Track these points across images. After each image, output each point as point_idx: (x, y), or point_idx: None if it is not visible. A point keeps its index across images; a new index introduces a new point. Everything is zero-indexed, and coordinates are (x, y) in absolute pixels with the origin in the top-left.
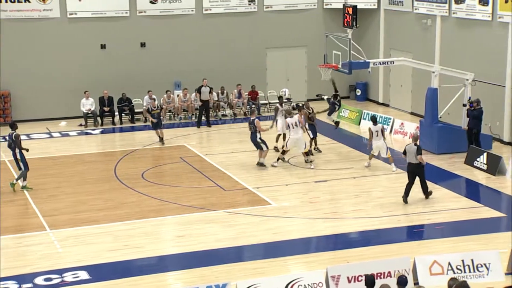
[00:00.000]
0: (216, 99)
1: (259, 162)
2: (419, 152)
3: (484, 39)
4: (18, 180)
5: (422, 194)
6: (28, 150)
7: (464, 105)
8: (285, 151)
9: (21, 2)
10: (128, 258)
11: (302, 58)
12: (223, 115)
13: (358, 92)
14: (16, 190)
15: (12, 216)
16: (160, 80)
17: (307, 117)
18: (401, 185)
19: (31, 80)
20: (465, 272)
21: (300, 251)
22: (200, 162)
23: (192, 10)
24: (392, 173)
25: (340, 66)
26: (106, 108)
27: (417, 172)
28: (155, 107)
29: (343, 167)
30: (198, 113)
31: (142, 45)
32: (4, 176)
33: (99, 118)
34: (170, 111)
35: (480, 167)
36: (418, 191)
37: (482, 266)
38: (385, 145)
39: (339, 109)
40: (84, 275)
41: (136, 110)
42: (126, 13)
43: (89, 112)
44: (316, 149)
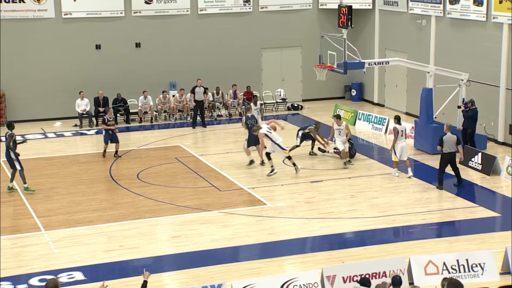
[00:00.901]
0: (212, 100)
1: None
2: (459, 142)
3: (479, 40)
4: (13, 181)
5: (419, 194)
6: (19, 155)
7: (459, 107)
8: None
9: (16, 2)
10: (124, 259)
11: (297, 58)
12: (218, 116)
13: (353, 93)
14: (16, 190)
15: (7, 217)
16: (155, 81)
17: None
18: (396, 185)
19: (26, 81)
20: (460, 272)
21: (296, 251)
22: (196, 163)
23: (187, 10)
24: (387, 174)
25: (335, 66)
26: (101, 109)
27: (454, 160)
28: (111, 118)
29: (339, 167)
30: (193, 114)
31: (137, 45)
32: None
33: (94, 119)
34: (166, 112)
35: (475, 167)
36: (414, 191)
37: (477, 266)
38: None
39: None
40: (79, 276)
41: (131, 111)
42: (121, 13)
43: (84, 113)
44: (320, 150)
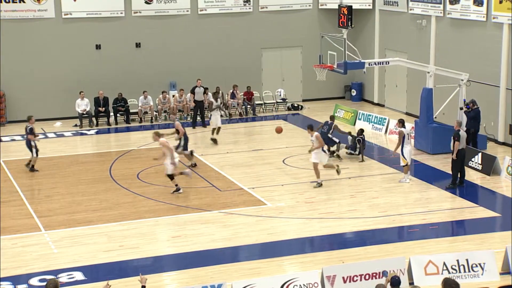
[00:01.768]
0: (211, 100)
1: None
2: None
3: (479, 40)
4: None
5: (419, 194)
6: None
7: (461, 109)
8: None
9: (16, 3)
10: (124, 259)
11: (298, 59)
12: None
13: (353, 93)
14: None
15: (7, 217)
16: (155, 81)
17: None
18: (396, 185)
19: (26, 81)
20: (460, 272)
21: (296, 251)
22: (196, 163)
23: (187, 11)
24: (387, 174)
25: (336, 66)
26: (101, 109)
27: (465, 158)
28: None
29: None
30: (193, 114)
31: (137, 46)
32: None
33: (94, 119)
34: (166, 112)
35: (475, 167)
36: (414, 191)
37: (477, 266)
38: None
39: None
40: (79, 276)
41: (132, 111)
42: (121, 13)
43: (84, 113)
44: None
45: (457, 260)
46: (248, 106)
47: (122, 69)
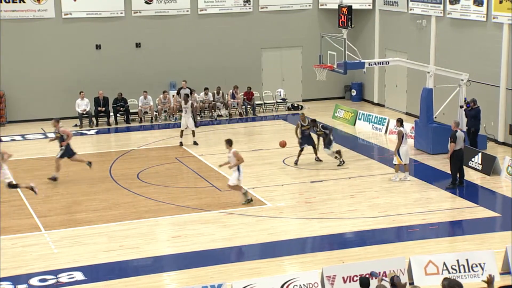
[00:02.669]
0: (212, 100)
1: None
2: (465, 140)
3: (479, 40)
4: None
5: (419, 194)
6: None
7: (461, 107)
8: None
9: (16, 3)
10: (124, 259)
11: (298, 59)
12: (219, 116)
13: (353, 93)
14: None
15: (7, 217)
16: (155, 81)
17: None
18: (396, 185)
19: (26, 81)
20: (460, 272)
21: (296, 251)
22: (196, 163)
23: (187, 11)
24: (387, 174)
25: (335, 66)
26: (101, 108)
27: (463, 158)
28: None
29: (339, 168)
30: (182, 116)
31: (137, 46)
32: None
33: (94, 119)
34: (165, 112)
35: (475, 167)
36: (414, 191)
37: (477, 266)
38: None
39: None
40: (80, 276)
41: (131, 111)
42: (121, 14)
43: (84, 113)
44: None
45: (457, 260)
46: (248, 106)
47: (122, 69)
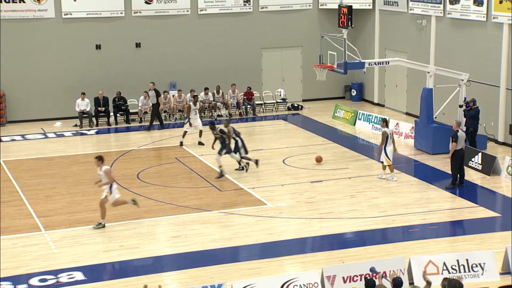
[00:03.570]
0: (212, 99)
1: None
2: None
3: (479, 40)
4: None
5: (419, 194)
6: None
7: (461, 106)
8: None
9: (16, 3)
10: (124, 259)
11: (298, 59)
12: (219, 116)
13: (353, 93)
14: None
15: (7, 217)
16: (156, 81)
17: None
18: (396, 185)
19: (26, 81)
20: (460, 272)
21: (296, 251)
22: (196, 163)
23: (187, 11)
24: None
25: (335, 66)
26: (101, 108)
27: (464, 158)
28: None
29: (339, 167)
30: (150, 117)
31: (137, 46)
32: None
33: (94, 119)
34: (166, 112)
35: (475, 167)
36: (414, 191)
37: (477, 266)
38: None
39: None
40: (79, 276)
41: (131, 111)
42: (121, 14)
43: (84, 113)
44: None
45: (457, 260)
46: (248, 106)
47: (122, 69)
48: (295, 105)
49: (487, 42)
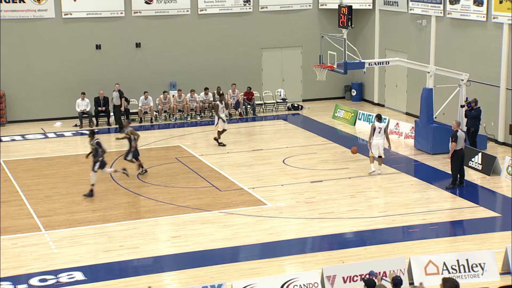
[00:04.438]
0: (212, 100)
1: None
2: (466, 139)
3: (479, 40)
4: None
5: (419, 194)
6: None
7: (462, 106)
8: None
9: (16, 3)
10: (124, 259)
11: (298, 59)
12: None
13: (354, 93)
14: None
15: (7, 217)
16: (156, 81)
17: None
18: (396, 185)
19: (26, 81)
20: (460, 272)
21: (296, 251)
22: (196, 163)
23: (187, 11)
24: (387, 174)
25: (335, 66)
26: (101, 108)
27: (464, 158)
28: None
29: (339, 167)
30: (115, 121)
31: (137, 46)
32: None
33: (94, 119)
34: (166, 112)
35: (475, 167)
36: (414, 191)
37: (477, 266)
38: (383, 145)
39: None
40: (79, 276)
41: (132, 111)
42: (121, 14)
43: (84, 113)
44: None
45: (457, 260)
46: (248, 106)
47: (122, 69)
48: (295, 105)
49: (487, 42)
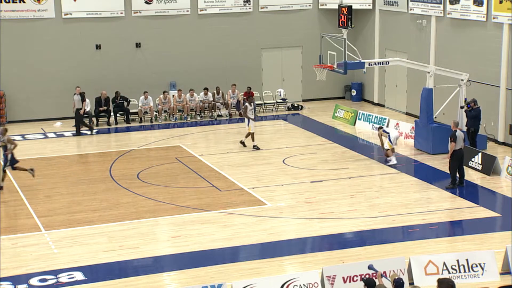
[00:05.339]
0: (212, 100)
1: None
2: (465, 139)
3: (479, 40)
4: None
5: (419, 194)
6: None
7: (462, 107)
8: None
9: (16, 3)
10: (124, 259)
11: (298, 59)
12: (219, 116)
13: (354, 93)
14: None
15: (7, 217)
16: (156, 81)
17: None
18: (396, 185)
19: (26, 81)
20: (460, 272)
21: (296, 251)
22: (196, 163)
23: (187, 11)
24: (387, 174)
25: (335, 66)
26: (103, 108)
27: (463, 158)
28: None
29: (339, 167)
30: (75, 122)
31: (137, 46)
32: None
33: (94, 119)
34: (166, 112)
35: (475, 167)
36: (414, 191)
37: (477, 266)
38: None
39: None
40: (79, 276)
41: (131, 111)
42: (121, 14)
43: (85, 113)
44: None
45: (457, 260)
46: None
47: (122, 69)
48: (295, 105)
49: (487, 42)
